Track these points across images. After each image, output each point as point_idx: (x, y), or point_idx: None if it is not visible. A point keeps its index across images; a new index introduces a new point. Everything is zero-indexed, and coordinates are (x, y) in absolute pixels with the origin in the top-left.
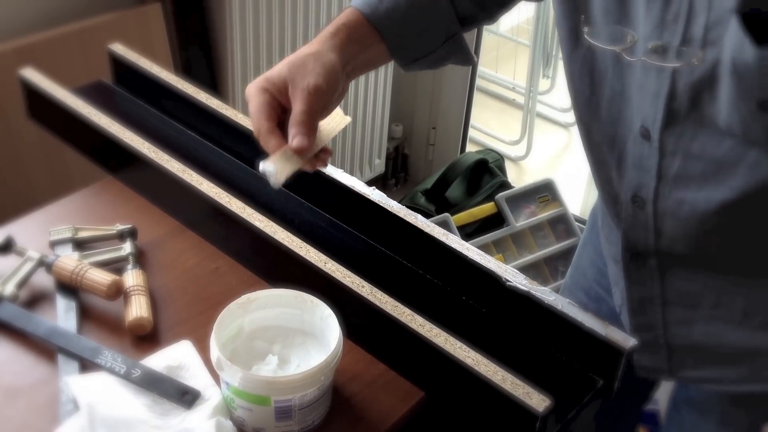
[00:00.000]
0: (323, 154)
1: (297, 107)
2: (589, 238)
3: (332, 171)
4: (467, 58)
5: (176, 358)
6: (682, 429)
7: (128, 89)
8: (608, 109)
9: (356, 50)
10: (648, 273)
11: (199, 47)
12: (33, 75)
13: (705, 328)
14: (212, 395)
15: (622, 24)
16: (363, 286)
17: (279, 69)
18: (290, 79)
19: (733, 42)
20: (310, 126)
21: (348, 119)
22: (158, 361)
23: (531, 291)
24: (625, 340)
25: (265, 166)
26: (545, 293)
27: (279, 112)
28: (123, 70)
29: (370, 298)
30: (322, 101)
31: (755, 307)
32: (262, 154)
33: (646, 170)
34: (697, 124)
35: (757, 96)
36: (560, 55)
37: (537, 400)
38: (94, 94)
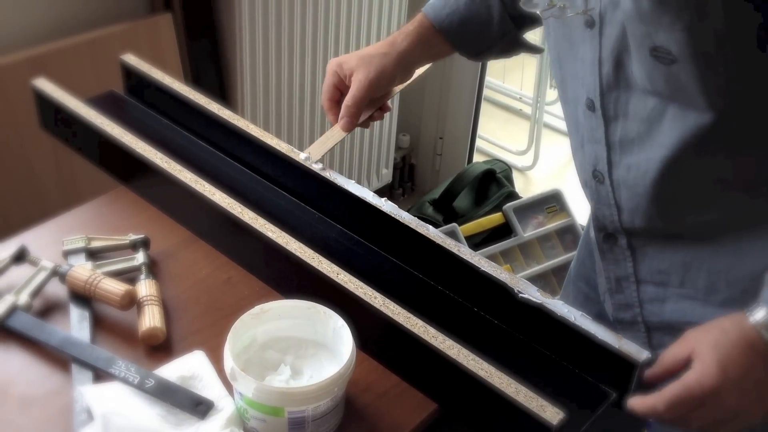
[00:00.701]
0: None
1: (350, 94)
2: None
3: (344, 182)
4: (533, 49)
5: (189, 368)
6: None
7: (140, 99)
8: (570, 91)
9: (422, 51)
10: (620, 252)
11: (209, 57)
12: (45, 85)
13: (675, 306)
14: (225, 406)
15: None
16: (375, 298)
17: (350, 58)
18: (355, 69)
19: None
20: (356, 111)
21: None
22: (171, 371)
23: (544, 303)
24: (639, 352)
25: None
26: (558, 306)
27: (342, 91)
28: (135, 81)
29: (383, 309)
30: (371, 93)
31: (716, 284)
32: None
33: (597, 141)
34: (626, 86)
35: (648, 44)
36: None
37: (551, 413)
38: (106, 104)
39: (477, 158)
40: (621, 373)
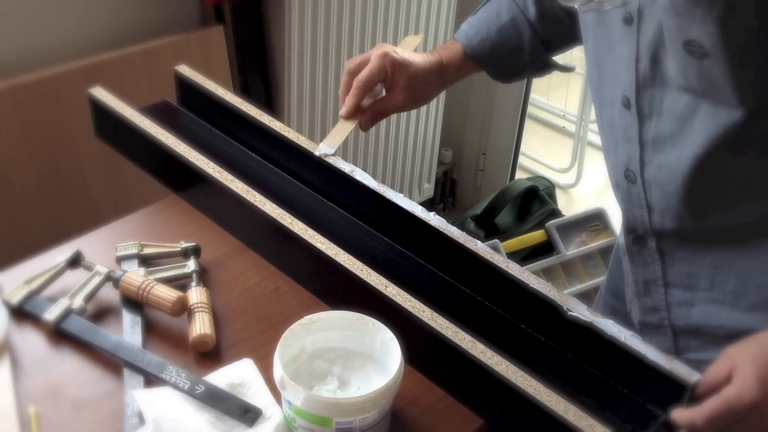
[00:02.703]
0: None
1: (386, 105)
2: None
3: (393, 195)
4: (562, 69)
5: (238, 375)
6: None
7: (192, 109)
8: (608, 91)
9: (459, 77)
10: (649, 255)
11: (257, 68)
12: (102, 93)
13: (703, 310)
14: (273, 414)
15: None
16: (423, 311)
17: (405, 67)
18: (405, 87)
19: None
20: (378, 120)
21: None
22: (221, 378)
23: (594, 322)
24: (689, 374)
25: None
26: (608, 325)
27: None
28: (187, 91)
29: (431, 323)
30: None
31: (745, 288)
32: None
33: (631, 140)
34: (662, 83)
35: (681, 38)
36: None
37: None
38: (160, 113)
39: (519, 175)
40: (671, 395)
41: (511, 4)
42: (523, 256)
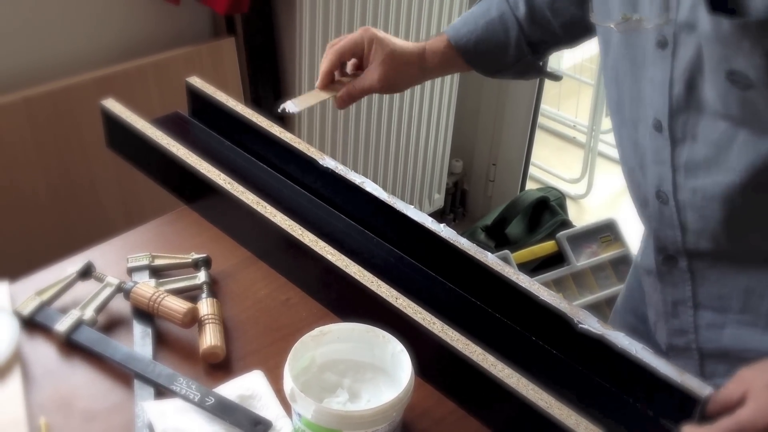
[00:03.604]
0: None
1: (363, 84)
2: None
3: (403, 206)
4: (549, 76)
5: (248, 387)
6: None
7: (203, 121)
8: (630, 112)
9: (442, 70)
10: (679, 275)
11: (269, 80)
12: (113, 105)
13: (734, 332)
14: (283, 426)
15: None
16: (434, 323)
17: (385, 45)
18: (382, 63)
19: (704, 14)
20: (355, 100)
21: None
22: (231, 389)
23: (605, 335)
24: (701, 387)
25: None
26: (619, 337)
27: (355, 55)
28: (199, 103)
29: (441, 335)
30: (378, 92)
31: None
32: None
33: (663, 162)
34: (697, 109)
35: (724, 67)
36: None
37: None
38: (171, 125)
39: (530, 185)
40: (682, 408)
41: (503, 1)
42: (534, 267)
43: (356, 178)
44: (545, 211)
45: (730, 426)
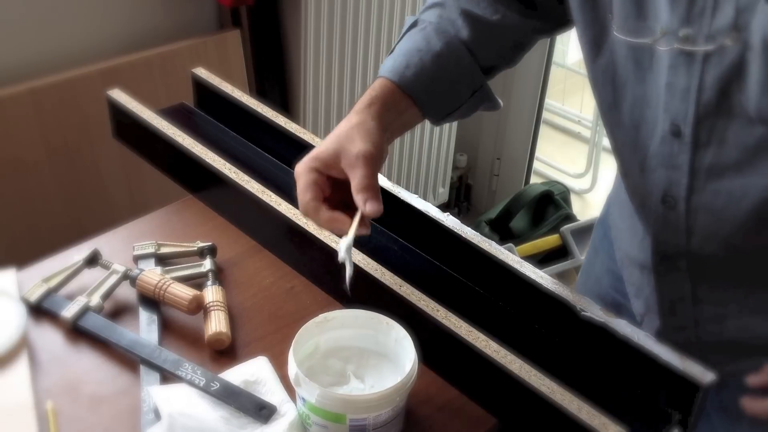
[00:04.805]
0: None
1: (359, 173)
2: (601, 246)
3: (407, 196)
4: (493, 104)
5: (253, 373)
6: None
7: (209, 112)
8: (630, 114)
9: (393, 117)
10: (678, 275)
11: (274, 71)
12: (120, 96)
13: (736, 323)
14: (288, 411)
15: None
16: (438, 310)
17: (326, 145)
18: (341, 150)
19: (764, 23)
20: (377, 189)
21: None
22: (236, 375)
23: (607, 322)
24: (703, 374)
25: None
26: (621, 325)
27: (326, 189)
28: (205, 94)
29: (445, 322)
30: (377, 166)
31: None
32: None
33: (676, 167)
34: (728, 114)
35: None
36: None
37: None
38: (177, 115)
39: (534, 180)
40: (684, 395)
41: (439, 29)
42: (538, 261)
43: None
44: (549, 205)
45: None
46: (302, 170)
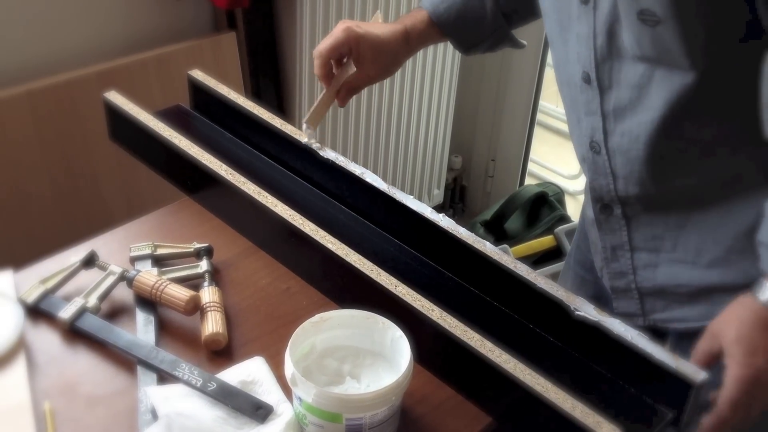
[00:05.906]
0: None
1: (358, 80)
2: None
3: (402, 197)
4: (515, 44)
5: (250, 373)
6: None
7: (205, 113)
8: (564, 71)
9: (421, 46)
10: (616, 222)
11: (269, 73)
12: (116, 98)
13: (667, 270)
14: (284, 411)
15: None
16: (433, 310)
17: (365, 39)
18: (371, 60)
19: None
20: (353, 95)
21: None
22: (233, 375)
23: (600, 321)
24: (695, 372)
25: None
26: (614, 324)
27: (343, 55)
28: (200, 95)
29: (440, 322)
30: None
31: (704, 245)
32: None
33: (593, 113)
34: (618, 55)
35: (635, 8)
36: None
37: (607, 430)
38: (173, 117)
39: (528, 181)
40: (677, 393)
41: None
42: (532, 262)
43: (356, 169)
44: (544, 207)
45: (729, 395)
46: (343, 34)
